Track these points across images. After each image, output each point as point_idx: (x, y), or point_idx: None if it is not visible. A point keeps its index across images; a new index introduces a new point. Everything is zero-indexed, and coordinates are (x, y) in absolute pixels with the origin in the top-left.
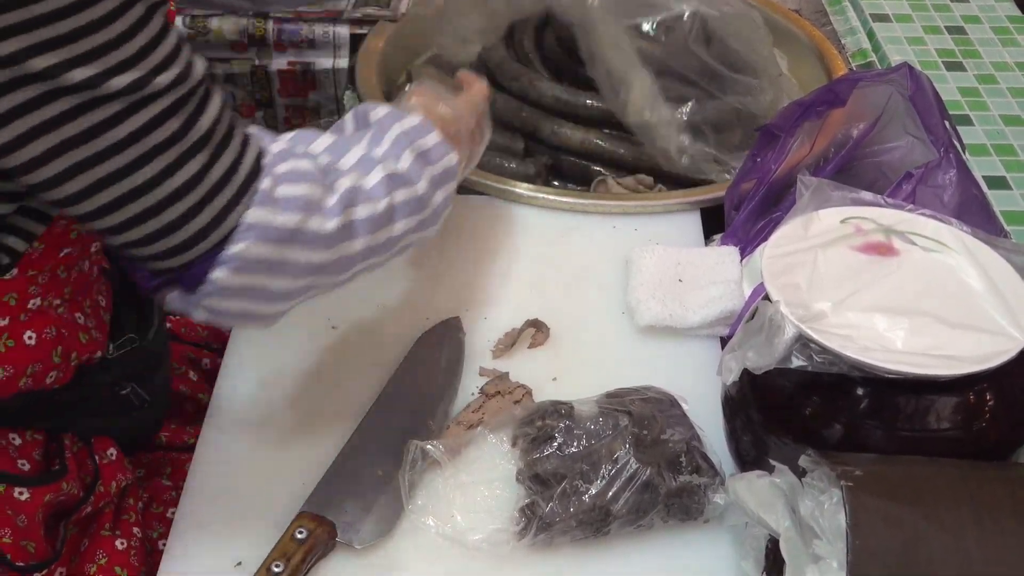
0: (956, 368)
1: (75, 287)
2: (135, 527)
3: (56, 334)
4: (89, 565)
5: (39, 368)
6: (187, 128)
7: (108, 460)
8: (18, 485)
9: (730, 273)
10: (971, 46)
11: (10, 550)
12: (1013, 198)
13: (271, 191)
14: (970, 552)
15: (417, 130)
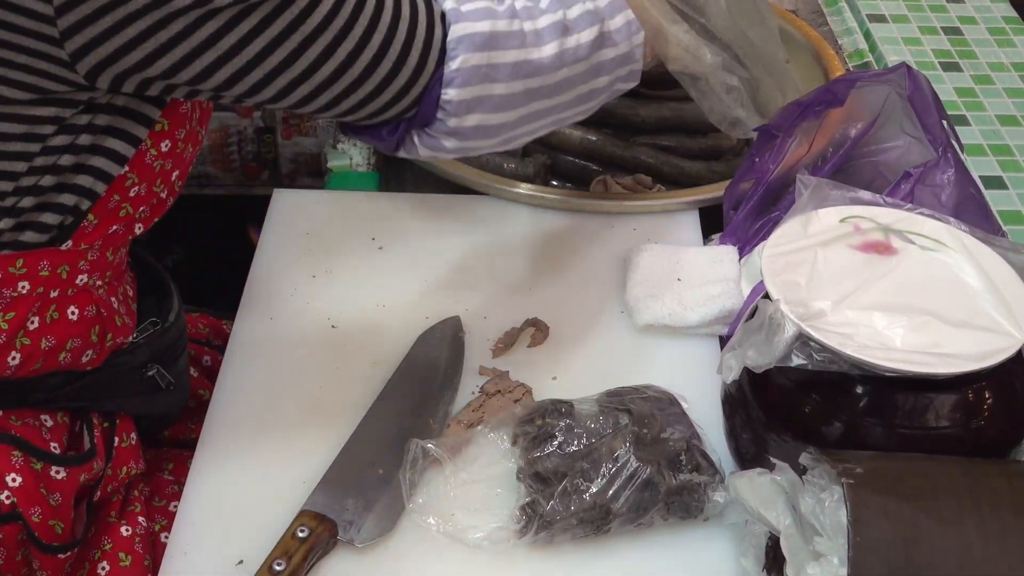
0: (955, 366)
1: (115, 272)
2: (140, 516)
3: (96, 313)
4: (94, 551)
5: (78, 344)
6: (341, 6)
7: (128, 444)
8: (56, 464)
9: (729, 272)
10: (967, 47)
11: (39, 528)
12: (1009, 198)
13: (457, 8)
14: (971, 547)
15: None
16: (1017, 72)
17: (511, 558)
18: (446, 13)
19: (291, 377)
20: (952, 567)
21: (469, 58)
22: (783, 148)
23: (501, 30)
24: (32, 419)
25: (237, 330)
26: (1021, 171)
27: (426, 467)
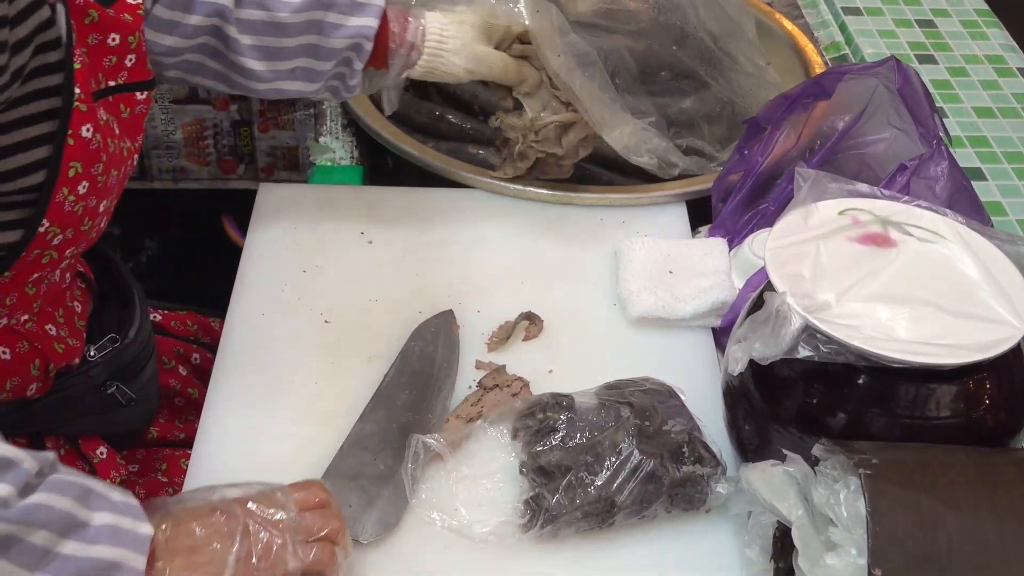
0: (960, 357)
1: (45, 300)
2: None
3: (30, 348)
4: None
5: (18, 382)
6: None
7: (99, 459)
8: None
9: (719, 264)
10: (941, 39)
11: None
12: (989, 189)
13: None
14: (987, 534)
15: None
16: (991, 64)
17: (517, 552)
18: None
19: (286, 374)
20: (969, 553)
21: None
22: (771, 141)
23: None
24: None
25: (228, 328)
26: (999, 162)
27: (427, 462)
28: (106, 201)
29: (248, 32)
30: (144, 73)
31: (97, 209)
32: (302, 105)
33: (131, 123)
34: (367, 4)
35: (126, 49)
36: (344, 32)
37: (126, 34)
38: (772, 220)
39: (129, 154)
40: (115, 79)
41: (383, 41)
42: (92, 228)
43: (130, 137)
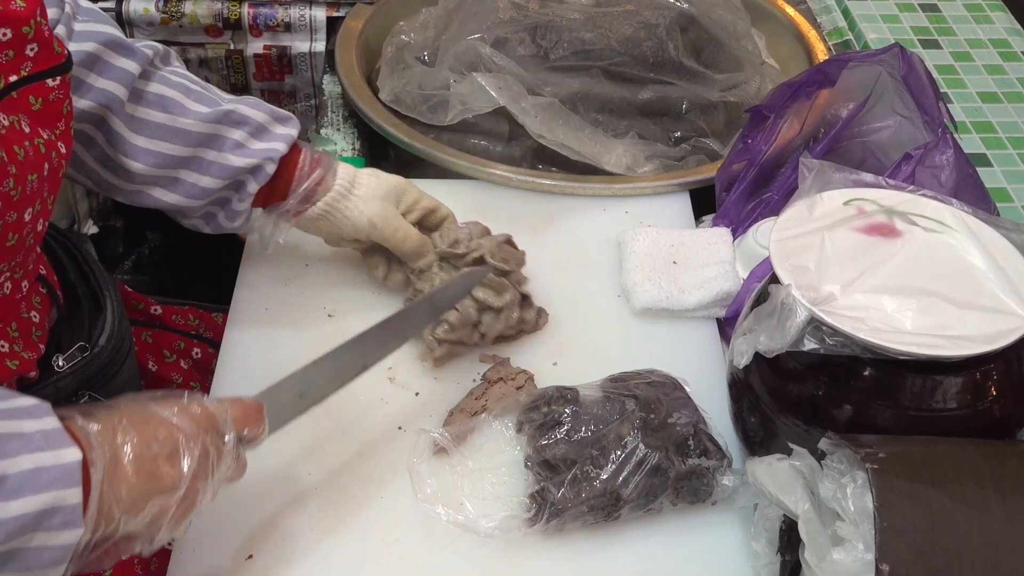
0: (966, 348)
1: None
2: None
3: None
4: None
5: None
6: None
7: None
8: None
9: (723, 254)
10: (945, 23)
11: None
12: (994, 175)
13: None
14: (995, 529)
15: (16, 411)
16: (996, 48)
17: (522, 546)
18: None
19: (289, 368)
20: (977, 549)
21: None
22: (775, 129)
23: None
24: None
25: (231, 322)
26: (1005, 148)
27: (432, 456)
28: (31, 209)
29: (141, 132)
30: (52, 59)
31: (21, 220)
32: (303, 97)
33: (46, 113)
34: (278, 133)
35: (22, 40)
36: (246, 152)
37: (18, 25)
38: (776, 209)
39: (49, 147)
40: (17, 73)
41: (289, 170)
42: (21, 240)
43: (47, 127)
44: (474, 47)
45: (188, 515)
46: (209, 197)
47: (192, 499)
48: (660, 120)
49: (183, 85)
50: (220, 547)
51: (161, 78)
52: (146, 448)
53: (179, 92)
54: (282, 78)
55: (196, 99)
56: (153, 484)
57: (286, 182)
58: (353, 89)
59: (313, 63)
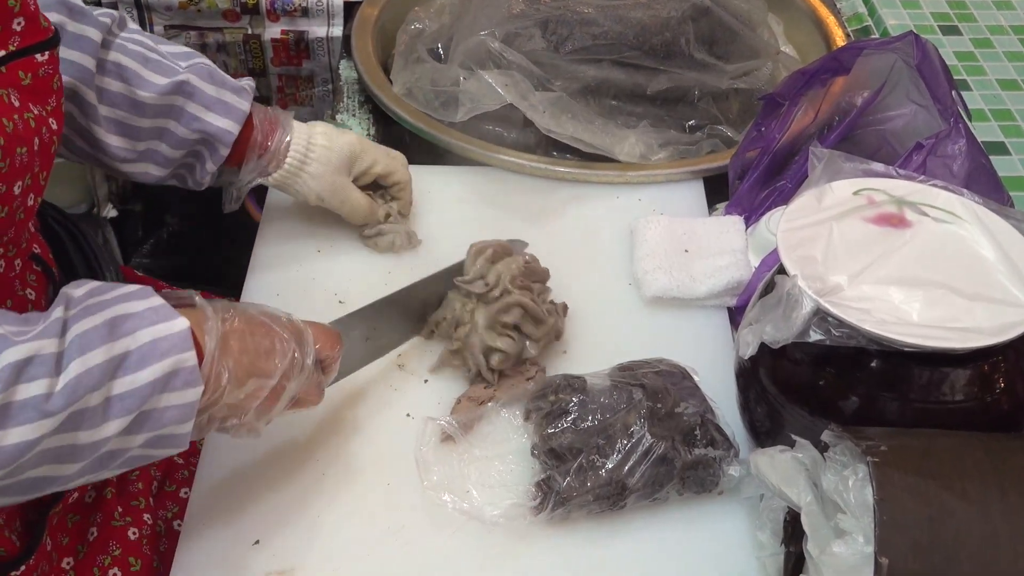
0: (973, 340)
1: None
2: (146, 513)
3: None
4: (102, 556)
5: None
6: None
7: None
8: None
9: (736, 243)
10: (966, 9)
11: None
12: (1012, 163)
13: None
14: (996, 524)
15: (126, 296)
16: (1016, 35)
17: (527, 534)
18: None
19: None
20: (976, 544)
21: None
22: (789, 117)
23: None
24: None
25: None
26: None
27: (439, 444)
28: (20, 182)
29: (106, 103)
30: (40, 33)
31: (11, 193)
32: (320, 81)
33: (36, 88)
34: (231, 106)
35: (8, 14)
36: (199, 126)
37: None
38: (789, 197)
39: (39, 123)
40: (4, 48)
41: (241, 145)
42: (12, 214)
43: (38, 103)
44: (484, 44)
45: (272, 409)
46: (174, 166)
47: (278, 394)
48: (674, 108)
49: (140, 54)
50: (227, 532)
51: (119, 46)
52: (249, 336)
53: (137, 62)
54: (300, 63)
55: (153, 68)
56: (254, 365)
57: (238, 153)
58: (369, 75)
59: (330, 48)
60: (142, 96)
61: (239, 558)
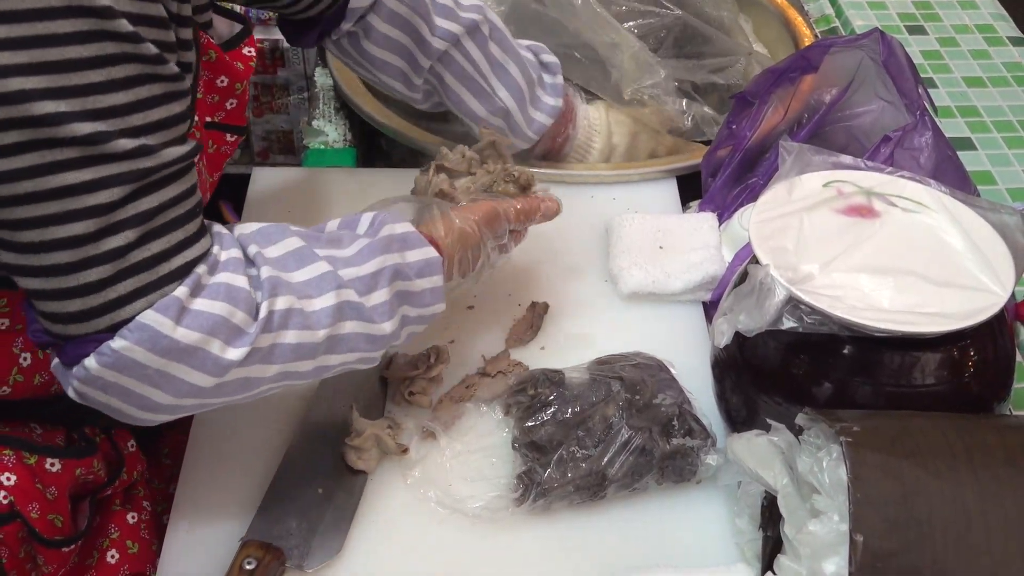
0: (943, 325)
1: None
2: (145, 500)
3: None
4: (101, 539)
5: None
6: (127, 201)
7: (129, 451)
8: (50, 456)
9: (709, 239)
10: (931, 9)
11: (39, 524)
12: (979, 158)
13: (185, 300)
14: (967, 499)
15: (413, 267)
16: (981, 34)
17: (510, 526)
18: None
19: None
20: (949, 519)
21: (136, 351)
22: (759, 115)
23: (210, 351)
24: (22, 426)
25: None
26: (989, 132)
27: (421, 441)
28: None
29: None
30: (240, 119)
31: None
32: (296, 89)
33: (215, 159)
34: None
35: (231, 93)
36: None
37: (234, 80)
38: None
39: (206, 188)
40: (212, 116)
41: None
42: None
43: (211, 171)
44: None
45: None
46: None
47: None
48: None
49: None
50: (212, 530)
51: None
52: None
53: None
54: (275, 71)
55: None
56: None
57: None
58: (344, 81)
59: (305, 56)
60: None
61: (225, 554)
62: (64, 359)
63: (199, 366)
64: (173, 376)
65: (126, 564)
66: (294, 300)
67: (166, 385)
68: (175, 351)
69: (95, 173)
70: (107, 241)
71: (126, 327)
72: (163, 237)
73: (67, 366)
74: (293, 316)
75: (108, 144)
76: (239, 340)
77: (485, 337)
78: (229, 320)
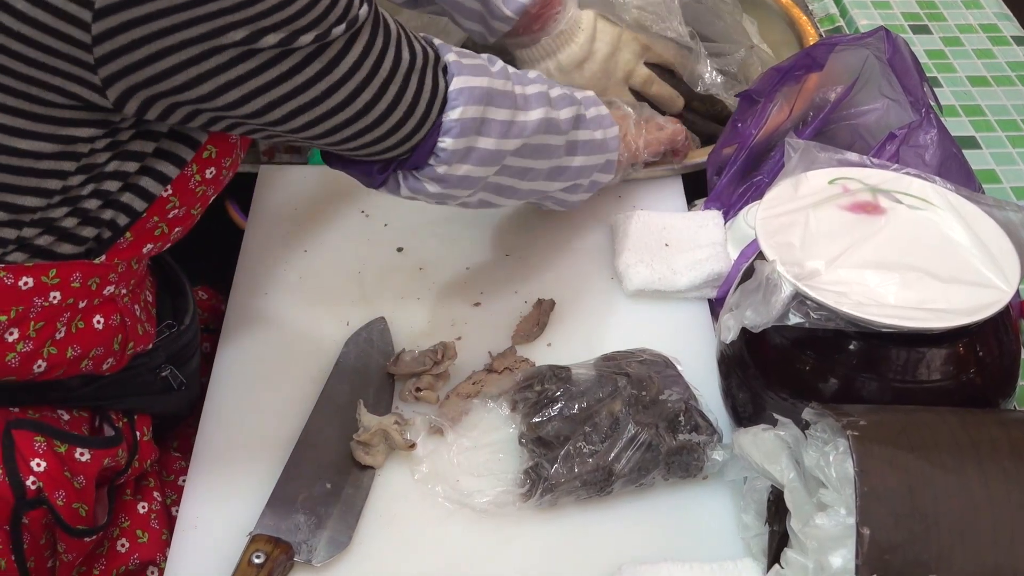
0: (948, 320)
1: (138, 279)
2: (155, 491)
3: (120, 322)
4: (112, 528)
5: (100, 352)
6: (367, 56)
7: (147, 439)
8: (80, 446)
9: (715, 236)
10: (936, 9)
11: (64, 512)
12: (983, 157)
13: (459, 61)
14: (973, 492)
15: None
16: (985, 33)
17: (517, 521)
18: (448, 65)
19: (288, 351)
20: (956, 512)
21: (467, 110)
22: (764, 113)
23: (497, 88)
24: (50, 412)
25: (232, 306)
26: (994, 131)
27: (429, 436)
28: (214, 195)
29: None
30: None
31: (208, 199)
32: None
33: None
34: None
35: None
36: None
37: None
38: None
39: (235, 164)
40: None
41: None
42: (193, 219)
43: (243, 148)
44: None
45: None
46: None
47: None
48: None
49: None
50: (220, 525)
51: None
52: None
53: None
54: None
55: None
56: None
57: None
58: None
59: None
60: None
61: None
62: (416, 163)
63: (509, 104)
64: (496, 120)
65: (136, 553)
66: (520, 87)
67: (490, 129)
68: (488, 96)
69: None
70: (394, 82)
71: (448, 102)
72: (414, 40)
73: (420, 168)
74: (522, 78)
75: None
76: (517, 80)
77: (492, 334)
78: (491, 68)
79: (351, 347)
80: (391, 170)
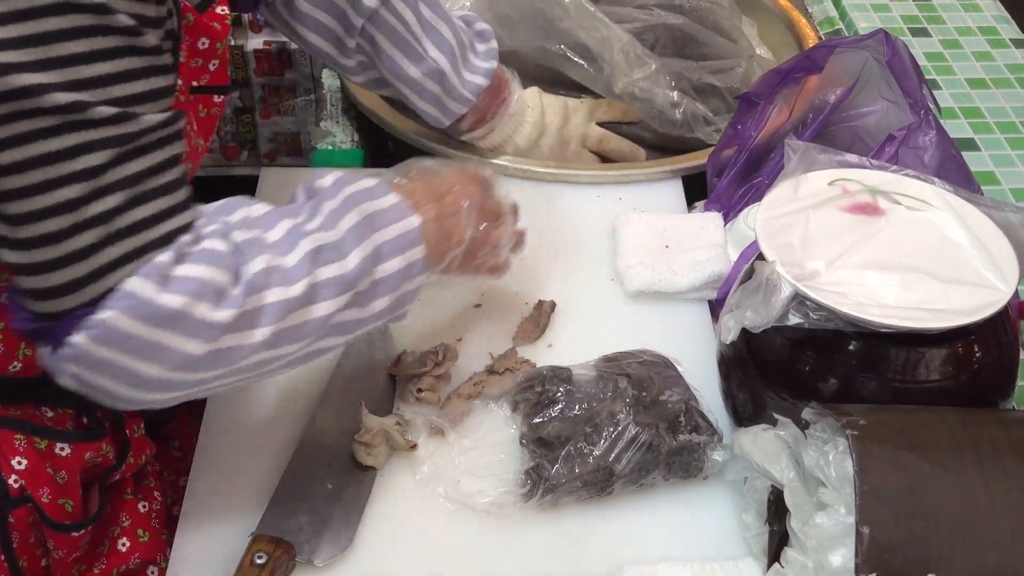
0: (948, 321)
1: None
2: (156, 491)
3: None
4: (113, 527)
5: None
6: (112, 164)
7: (139, 434)
8: (60, 440)
9: (715, 238)
10: (935, 11)
11: (49, 509)
12: (982, 159)
13: (168, 266)
14: (973, 491)
15: (368, 192)
16: (984, 36)
17: (518, 521)
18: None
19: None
20: (956, 511)
21: (123, 320)
22: (764, 115)
23: (196, 315)
24: (32, 410)
25: None
26: (992, 132)
27: (430, 437)
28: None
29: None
30: (224, 79)
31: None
32: (303, 91)
33: (207, 123)
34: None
35: (212, 54)
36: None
37: (215, 40)
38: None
39: (201, 152)
40: (198, 80)
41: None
42: None
43: (204, 136)
44: None
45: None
46: None
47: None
48: None
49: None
50: (222, 526)
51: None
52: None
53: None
54: (282, 73)
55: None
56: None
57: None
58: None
59: (312, 58)
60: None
61: (235, 550)
62: (53, 342)
63: (188, 331)
64: (163, 345)
65: (137, 552)
66: (272, 258)
67: (157, 356)
68: (160, 317)
69: (78, 138)
70: (95, 205)
71: (111, 296)
72: (149, 203)
73: (55, 349)
74: (273, 274)
75: (90, 111)
76: (225, 302)
77: (493, 335)
78: (213, 282)
79: (353, 348)
80: (34, 331)
